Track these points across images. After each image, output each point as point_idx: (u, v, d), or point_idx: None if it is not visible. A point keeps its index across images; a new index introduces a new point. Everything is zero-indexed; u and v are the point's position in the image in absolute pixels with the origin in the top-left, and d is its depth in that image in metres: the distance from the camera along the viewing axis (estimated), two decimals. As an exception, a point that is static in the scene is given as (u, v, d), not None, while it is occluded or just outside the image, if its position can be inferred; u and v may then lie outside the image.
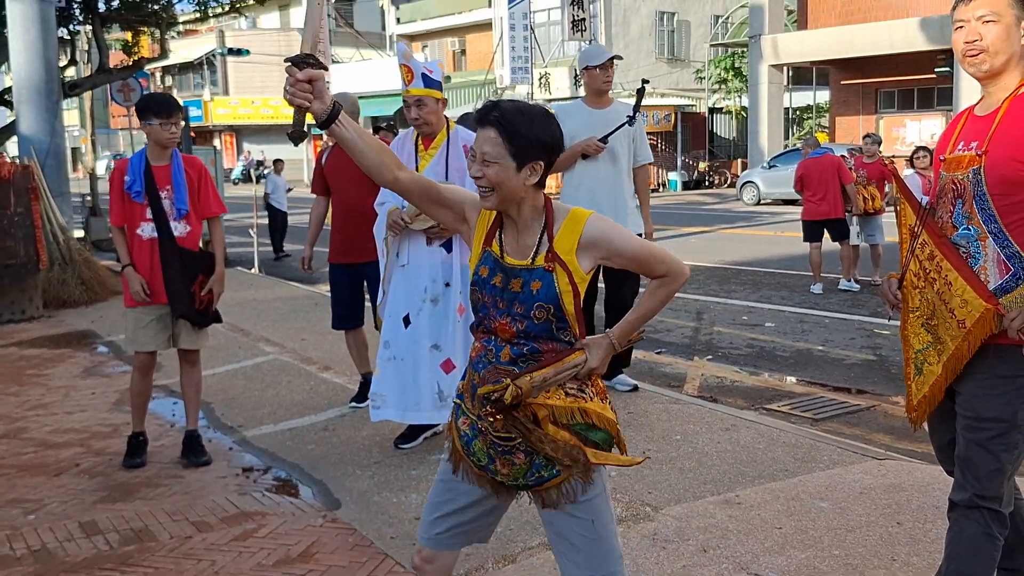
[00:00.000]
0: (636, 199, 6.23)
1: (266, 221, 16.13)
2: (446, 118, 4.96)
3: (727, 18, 34.45)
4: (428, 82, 4.82)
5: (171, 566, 3.79)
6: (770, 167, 25.04)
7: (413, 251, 4.89)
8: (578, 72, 6.27)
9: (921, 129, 26.79)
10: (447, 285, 4.85)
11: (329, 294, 6.25)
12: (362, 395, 5.86)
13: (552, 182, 8.64)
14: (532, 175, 2.37)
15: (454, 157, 4.87)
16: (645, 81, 6.48)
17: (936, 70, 24.78)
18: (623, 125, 5.92)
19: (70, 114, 36.59)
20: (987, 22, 2.73)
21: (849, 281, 10.83)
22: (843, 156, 11.61)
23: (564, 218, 2.44)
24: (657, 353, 7.91)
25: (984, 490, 2.78)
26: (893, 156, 21.59)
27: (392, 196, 4.79)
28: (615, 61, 6.07)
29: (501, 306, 2.43)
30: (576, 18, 29.17)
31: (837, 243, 10.82)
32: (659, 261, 2.47)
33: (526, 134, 2.34)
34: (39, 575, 3.76)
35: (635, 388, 6.12)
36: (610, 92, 6.17)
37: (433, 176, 4.85)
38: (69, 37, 17.28)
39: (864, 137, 12.05)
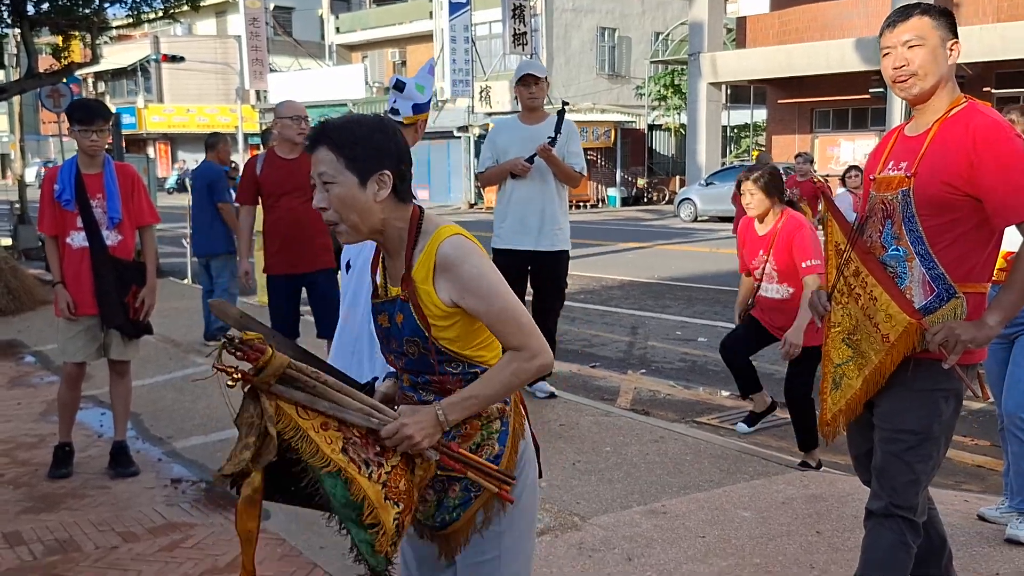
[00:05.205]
0: (567, 216, 6.29)
1: None
2: None
3: (667, 35, 34.88)
4: (418, 109, 4.70)
5: (95, 578, 3.75)
6: (707, 184, 25.38)
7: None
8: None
9: (855, 149, 27.39)
10: None
11: (261, 304, 6.19)
12: None
13: (492, 195, 8.68)
14: (381, 188, 2.07)
15: None
16: (565, 103, 6.57)
17: (870, 90, 25.33)
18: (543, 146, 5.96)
19: (-1, 119, 35.70)
20: (913, 46, 2.78)
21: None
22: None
23: (428, 238, 2.11)
24: (591, 367, 8.00)
25: (899, 500, 2.86)
26: (827, 175, 22.04)
27: None
28: (542, 79, 6.08)
29: (384, 341, 2.22)
30: (517, 32, 29.34)
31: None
32: (517, 328, 2.07)
33: (360, 142, 2.06)
34: (-42, 588, 3.70)
35: (552, 395, 6.21)
36: (545, 107, 6.26)
37: None
38: (-4, 41, 16.89)
39: (796, 156, 12.30)
